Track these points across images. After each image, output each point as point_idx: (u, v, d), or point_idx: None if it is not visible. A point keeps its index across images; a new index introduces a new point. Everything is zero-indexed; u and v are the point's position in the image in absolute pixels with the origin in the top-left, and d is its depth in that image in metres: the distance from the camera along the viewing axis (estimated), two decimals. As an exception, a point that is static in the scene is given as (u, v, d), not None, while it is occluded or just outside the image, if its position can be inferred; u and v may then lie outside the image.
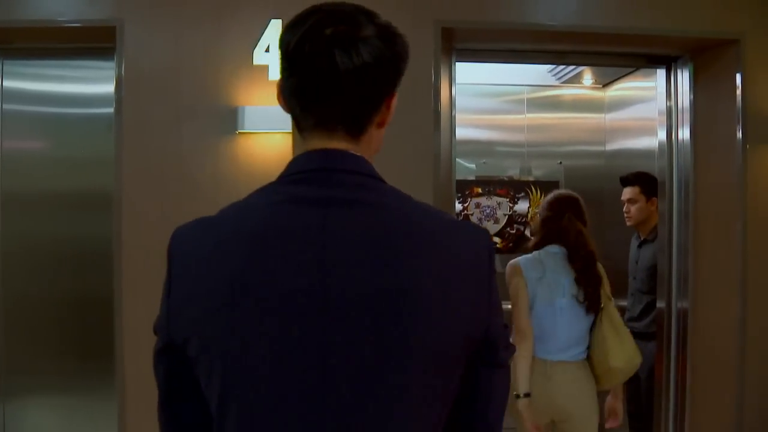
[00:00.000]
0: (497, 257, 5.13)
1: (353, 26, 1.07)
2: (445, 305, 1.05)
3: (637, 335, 4.12)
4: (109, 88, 3.04)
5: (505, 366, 1.20)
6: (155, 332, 1.15)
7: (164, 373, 1.15)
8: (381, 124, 1.16)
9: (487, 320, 1.11)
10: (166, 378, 1.16)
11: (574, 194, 3.23)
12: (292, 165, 1.12)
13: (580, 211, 3.15)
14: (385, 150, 3.02)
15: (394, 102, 1.17)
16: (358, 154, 1.12)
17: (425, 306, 1.03)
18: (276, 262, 1.02)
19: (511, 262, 3.14)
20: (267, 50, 2.90)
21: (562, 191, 3.33)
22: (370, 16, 1.11)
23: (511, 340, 1.07)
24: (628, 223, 4.27)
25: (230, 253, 1.05)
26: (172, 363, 1.12)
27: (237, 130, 2.87)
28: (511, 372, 1.23)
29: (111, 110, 2.98)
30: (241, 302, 1.02)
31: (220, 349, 1.03)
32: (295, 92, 1.10)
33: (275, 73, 2.91)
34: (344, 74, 1.06)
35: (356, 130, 1.12)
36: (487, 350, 1.13)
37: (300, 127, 1.13)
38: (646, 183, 4.11)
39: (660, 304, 3.62)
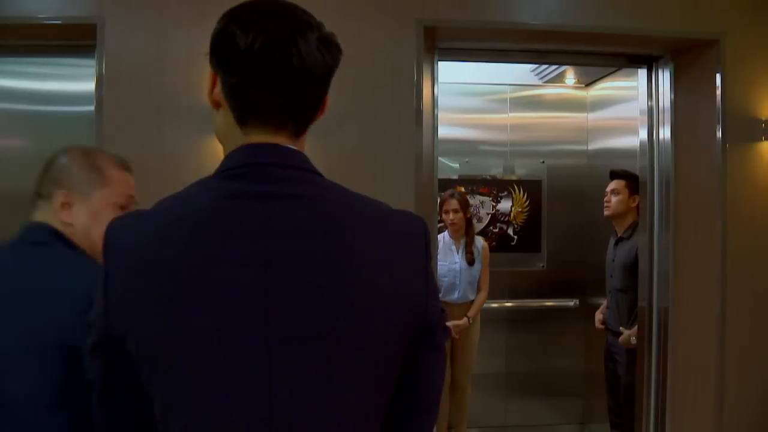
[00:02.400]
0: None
1: (303, 29, 1.14)
2: (384, 293, 1.08)
3: (616, 334, 4.17)
4: (89, 86, 3.01)
5: (441, 349, 1.24)
6: (89, 326, 1.10)
7: (101, 368, 1.12)
8: (312, 122, 1.21)
9: (426, 305, 1.14)
10: (103, 373, 1.12)
11: None
12: (230, 159, 1.13)
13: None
14: (367, 149, 3.05)
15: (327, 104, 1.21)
16: (296, 149, 1.15)
17: (365, 295, 1.06)
18: (216, 257, 1.02)
19: None
20: (249, 48, 2.89)
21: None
22: (315, 20, 1.19)
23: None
24: (605, 213, 4.31)
25: (169, 248, 1.04)
26: (110, 358, 1.09)
27: (219, 128, 2.86)
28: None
29: (92, 108, 2.95)
30: (180, 297, 1.01)
31: (160, 345, 1.02)
32: (244, 90, 1.13)
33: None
34: (297, 75, 1.10)
35: (301, 128, 1.17)
36: (426, 334, 1.17)
37: (242, 122, 1.14)
38: (633, 180, 4.16)
39: (641, 303, 3.64)
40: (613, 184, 4.29)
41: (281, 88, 1.11)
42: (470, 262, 4.65)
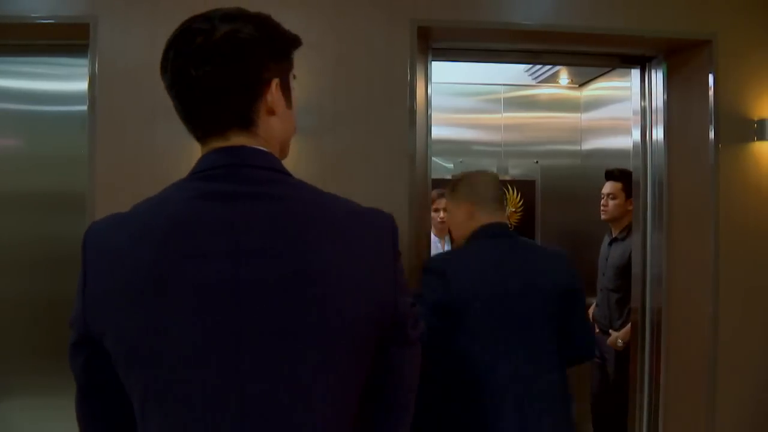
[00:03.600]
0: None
1: (202, 35, 1.18)
2: (351, 288, 1.12)
3: (606, 332, 4.19)
4: (82, 85, 3.00)
5: (415, 344, 1.28)
6: (70, 326, 1.17)
7: (82, 366, 1.17)
8: (271, 112, 1.21)
9: (394, 300, 1.18)
10: (84, 371, 1.18)
11: None
12: (201, 162, 1.21)
13: None
14: (360, 149, 3.05)
15: (274, 89, 1.20)
16: (261, 146, 1.19)
17: (332, 290, 1.10)
18: (188, 255, 1.07)
19: None
20: (242, 48, 2.89)
21: None
22: (224, 16, 1.19)
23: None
24: (603, 217, 4.33)
25: (144, 247, 1.08)
26: (90, 356, 1.15)
27: (212, 128, 2.85)
28: None
29: (84, 108, 2.94)
30: (155, 294, 1.05)
31: (135, 341, 1.06)
32: (178, 111, 1.24)
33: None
34: (199, 82, 1.16)
35: (244, 123, 1.19)
36: (397, 329, 1.21)
37: (198, 138, 1.24)
38: (630, 181, 4.17)
39: (633, 303, 3.65)
40: (609, 187, 4.29)
41: (194, 103, 1.20)
42: None
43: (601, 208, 4.35)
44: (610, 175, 4.35)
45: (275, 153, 1.23)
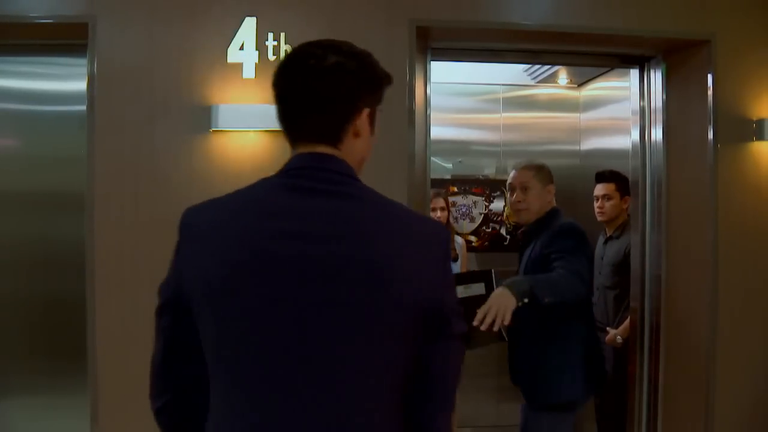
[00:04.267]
0: (473, 255, 5.15)
1: (320, 58, 1.36)
2: (405, 279, 1.29)
3: (604, 330, 4.19)
4: (81, 85, 3.00)
5: (458, 339, 1.42)
6: (159, 293, 1.39)
7: (167, 325, 1.37)
8: (357, 135, 1.42)
9: (441, 297, 1.35)
10: (169, 329, 1.37)
11: None
12: (290, 162, 1.39)
13: None
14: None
15: (364, 116, 1.43)
16: (341, 157, 1.38)
17: (389, 278, 1.27)
18: (268, 236, 1.27)
19: None
20: (241, 48, 2.89)
21: None
22: (335, 48, 1.39)
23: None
24: (600, 219, 4.33)
25: (234, 222, 1.31)
26: (176, 316, 1.35)
27: (211, 128, 2.85)
28: None
29: (83, 108, 2.94)
30: (237, 265, 1.27)
31: (216, 303, 1.27)
32: (282, 116, 1.42)
33: (249, 71, 2.90)
34: (309, 97, 1.36)
35: (332, 140, 1.38)
36: (442, 323, 1.36)
37: (290, 141, 1.42)
38: (621, 181, 4.17)
39: (633, 303, 3.65)
40: (602, 189, 4.30)
41: (298, 114, 1.40)
42: (454, 258, 4.65)
43: (597, 210, 4.36)
44: (602, 177, 4.36)
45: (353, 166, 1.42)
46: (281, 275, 1.25)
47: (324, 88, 1.35)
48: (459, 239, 4.82)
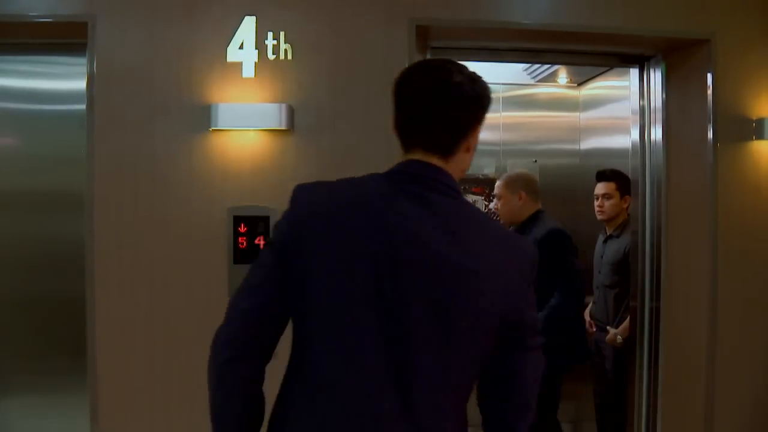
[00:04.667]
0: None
1: (446, 74, 1.49)
2: (495, 290, 1.43)
3: (604, 329, 4.19)
4: (81, 84, 3.00)
5: (535, 350, 1.55)
6: (269, 243, 1.51)
7: (267, 266, 1.49)
8: (467, 150, 1.55)
9: (522, 311, 1.49)
10: (265, 271, 1.50)
11: None
12: (398, 166, 1.52)
13: None
14: (359, 148, 3.05)
15: (477, 133, 1.56)
16: (447, 170, 1.50)
17: (482, 285, 1.41)
18: (380, 234, 1.39)
19: None
20: (241, 47, 2.89)
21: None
22: (459, 67, 1.52)
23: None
24: (599, 218, 4.33)
25: (334, 202, 1.46)
26: (277, 257, 1.47)
27: (210, 127, 2.85)
28: None
29: (83, 107, 2.94)
30: (337, 237, 1.41)
31: (314, 261, 1.42)
32: (402, 123, 1.55)
33: (249, 70, 2.90)
34: (439, 111, 1.48)
35: (446, 152, 1.51)
36: (520, 335, 1.50)
37: (404, 146, 1.55)
38: (622, 180, 4.17)
39: (633, 302, 3.65)
40: (603, 188, 4.30)
41: (423, 124, 1.52)
42: None
43: (597, 209, 4.36)
44: (602, 176, 4.36)
45: (455, 177, 1.54)
46: (385, 270, 1.38)
47: (451, 108, 1.49)
48: None
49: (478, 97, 1.53)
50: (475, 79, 1.54)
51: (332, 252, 1.41)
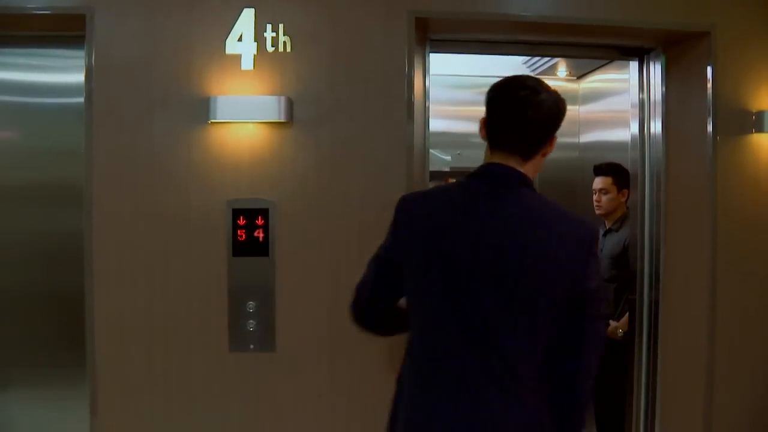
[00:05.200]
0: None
1: (533, 92, 1.84)
2: (559, 267, 1.75)
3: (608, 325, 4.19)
4: (79, 77, 2.99)
5: (595, 319, 1.83)
6: (384, 251, 2.00)
7: (377, 271, 2.01)
8: (545, 155, 1.91)
9: (582, 284, 1.78)
10: (376, 274, 2.01)
11: None
12: (482, 167, 1.90)
13: None
14: (358, 140, 3.05)
15: (554, 141, 1.91)
16: (522, 170, 1.86)
17: (545, 266, 1.74)
18: (458, 222, 1.80)
19: None
20: (240, 39, 2.88)
21: None
22: (543, 85, 1.87)
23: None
24: (597, 212, 4.34)
25: (433, 212, 1.86)
26: (384, 268, 1.99)
27: (209, 120, 2.84)
28: None
29: (81, 100, 2.93)
30: (433, 240, 1.82)
31: (417, 264, 1.85)
32: (492, 128, 1.90)
33: (248, 63, 2.89)
34: (525, 122, 1.83)
35: (526, 156, 1.87)
36: (582, 306, 1.79)
37: (491, 147, 1.91)
38: (619, 174, 4.17)
39: (632, 295, 3.65)
40: (600, 183, 4.30)
41: (511, 131, 1.87)
42: None
43: (595, 203, 4.37)
44: (599, 170, 4.36)
45: (530, 176, 1.88)
46: (459, 254, 1.77)
47: (536, 119, 1.83)
48: None
49: (558, 113, 1.87)
50: (556, 98, 1.87)
51: (422, 251, 1.83)
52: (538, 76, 1.88)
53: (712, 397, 3.23)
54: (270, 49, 2.91)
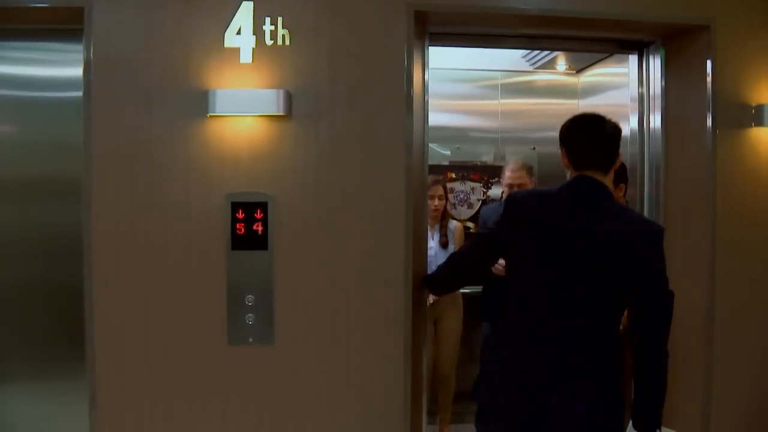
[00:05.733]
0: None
1: (601, 120, 2.50)
2: (632, 253, 2.34)
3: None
4: (77, 71, 2.98)
5: (661, 294, 2.47)
6: (490, 229, 2.74)
7: (484, 247, 2.68)
8: (614, 167, 2.51)
9: (652, 265, 2.39)
10: (480, 249, 2.71)
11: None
12: (575, 180, 2.47)
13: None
14: (357, 134, 3.04)
15: (620, 159, 2.56)
16: (605, 182, 2.45)
17: (613, 260, 2.33)
18: (565, 227, 2.38)
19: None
20: (238, 33, 2.88)
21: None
22: (606, 120, 2.51)
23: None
24: None
25: (549, 215, 2.42)
26: (489, 246, 2.65)
27: (208, 113, 2.84)
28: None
29: (80, 94, 2.92)
30: (536, 229, 2.43)
31: (521, 245, 2.47)
32: (576, 154, 2.49)
33: (246, 56, 2.88)
34: (604, 142, 2.48)
35: (607, 171, 2.48)
36: (654, 283, 2.41)
37: (576, 168, 2.49)
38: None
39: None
40: None
41: (592, 151, 2.47)
42: (444, 245, 4.69)
43: None
44: None
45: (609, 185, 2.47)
46: (566, 251, 2.35)
47: (608, 145, 2.48)
48: (453, 223, 4.88)
49: (619, 134, 2.52)
50: (614, 125, 2.51)
51: (529, 239, 2.44)
52: (537, 70, 2.10)
53: (711, 391, 3.24)
54: (269, 42, 2.90)
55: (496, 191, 5.40)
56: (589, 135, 2.49)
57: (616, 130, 2.51)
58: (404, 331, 2.97)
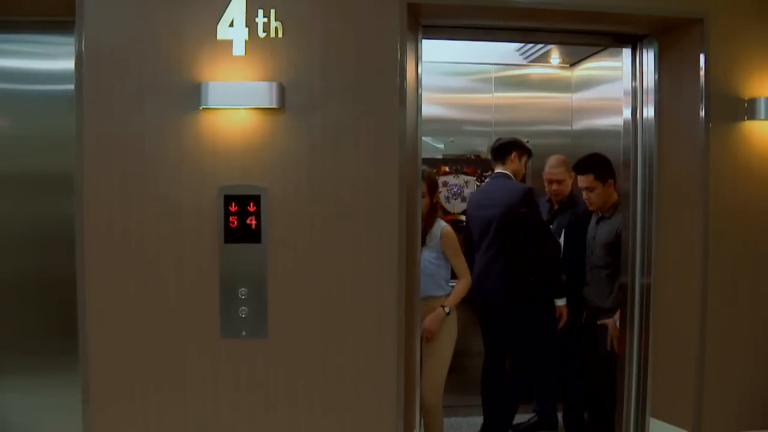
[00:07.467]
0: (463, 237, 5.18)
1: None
2: (514, 212, 4.66)
3: (602, 311, 4.21)
4: (69, 63, 2.97)
5: (548, 238, 4.78)
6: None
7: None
8: (513, 161, 4.85)
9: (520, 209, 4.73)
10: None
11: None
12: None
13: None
14: (349, 127, 3.03)
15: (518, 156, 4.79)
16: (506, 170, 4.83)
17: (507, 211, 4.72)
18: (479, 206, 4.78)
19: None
20: (231, 25, 2.86)
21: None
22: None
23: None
24: (591, 209, 4.37)
25: (473, 197, 4.97)
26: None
27: (200, 106, 2.83)
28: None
29: (71, 87, 2.91)
30: (470, 218, 4.92)
31: (471, 230, 4.90)
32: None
33: (239, 48, 2.87)
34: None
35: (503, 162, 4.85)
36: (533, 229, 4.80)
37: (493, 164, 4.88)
38: (600, 168, 4.21)
39: (623, 280, 3.67)
40: (583, 182, 4.34)
41: None
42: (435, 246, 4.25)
43: (585, 200, 4.41)
44: (579, 169, 4.39)
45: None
46: (480, 224, 4.60)
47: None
48: (438, 227, 4.34)
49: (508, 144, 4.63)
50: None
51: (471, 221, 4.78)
52: (531, 63, 1.90)
53: (703, 382, 3.25)
54: (262, 34, 2.89)
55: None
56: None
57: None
58: (398, 323, 2.97)
